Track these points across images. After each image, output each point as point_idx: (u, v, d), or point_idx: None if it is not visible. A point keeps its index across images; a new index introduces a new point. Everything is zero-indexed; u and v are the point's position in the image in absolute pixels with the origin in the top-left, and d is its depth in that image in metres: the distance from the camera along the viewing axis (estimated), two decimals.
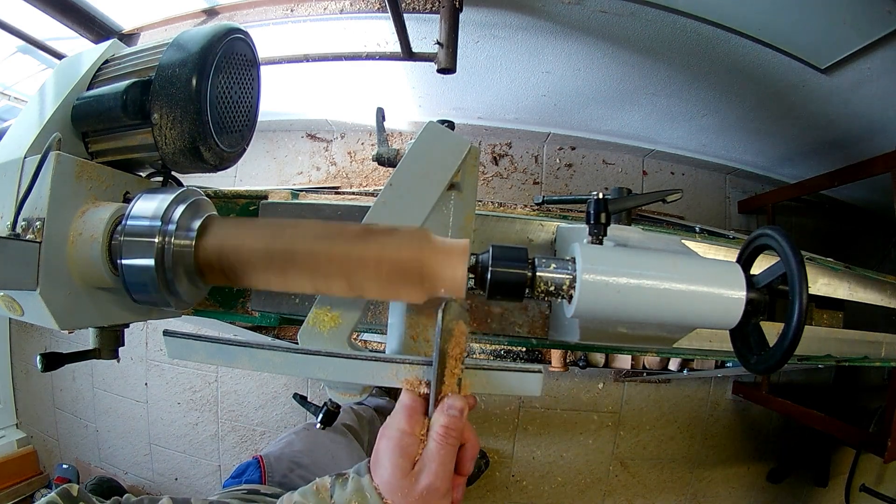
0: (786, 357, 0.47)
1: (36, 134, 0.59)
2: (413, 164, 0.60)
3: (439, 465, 0.43)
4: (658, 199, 0.71)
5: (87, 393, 2.20)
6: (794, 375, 2.08)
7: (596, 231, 0.60)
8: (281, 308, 0.85)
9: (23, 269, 0.52)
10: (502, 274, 0.50)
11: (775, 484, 2.05)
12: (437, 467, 0.43)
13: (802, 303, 0.45)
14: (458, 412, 0.45)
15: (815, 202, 2.13)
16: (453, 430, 0.44)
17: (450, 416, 0.45)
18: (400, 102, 1.84)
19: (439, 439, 0.44)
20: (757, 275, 0.52)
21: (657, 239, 0.67)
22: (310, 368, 0.52)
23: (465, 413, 0.45)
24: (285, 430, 2.02)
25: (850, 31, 1.14)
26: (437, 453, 0.44)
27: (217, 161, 0.67)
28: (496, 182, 2.04)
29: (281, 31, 1.46)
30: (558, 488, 1.97)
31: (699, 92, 1.55)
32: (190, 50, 0.60)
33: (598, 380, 1.95)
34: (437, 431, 0.44)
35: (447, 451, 0.44)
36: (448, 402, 0.45)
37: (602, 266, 0.49)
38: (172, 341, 0.54)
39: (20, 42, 1.40)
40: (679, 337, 0.60)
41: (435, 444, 0.44)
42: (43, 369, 0.64)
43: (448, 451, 0.44)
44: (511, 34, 1.38)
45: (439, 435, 0.44)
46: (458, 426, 0.44)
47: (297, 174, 2.10)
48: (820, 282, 1.09)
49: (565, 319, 0.54)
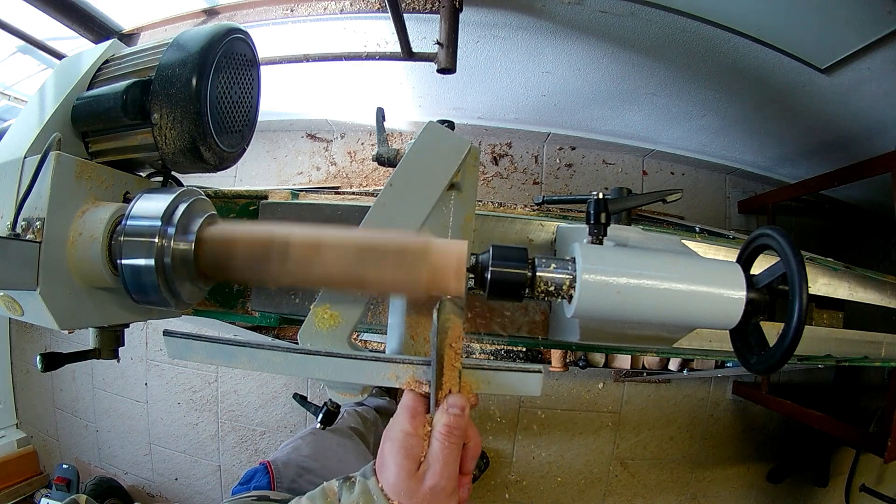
0: (786, 357, 0.47)
1: (36, 134, 0.59)
2: (413, 165, 0.60)
3: (444, 465, 0.43)
4: (658, 199, 0.71)
5: (87, 393, 2.20)
6: (794, 375, 2.08)
7: (596, 231, 0.60)
8: (281, 308, 0.85)
9: (23, 269, 0.52)
10: (502, 274, 0.50)
11: (775, 484, 2.04)
12: (442, 467, 0.43)
13: (802, 303, 0.45)
14: (460, 410, 0.45)
15: (815, 202, 2.13)
16: (456, 428, 0.44)
17: (452, 415, 0.45)
18: (400, 102, 1.84)
19: (442, 439, 0.44)
20: (757, 275, 0.52)
21: (657, 239, 0.67)
22: (310, 368, 0.52)
23: (466, 411, 0.45)
24: (285, 429, 2.03)
25: (850, 31, 1.14)
26: (440, 453, 0.44)
27: (217, 161, 0.67)
28: (496, 182, 2.04)
29: (281, 31, 1.46)
30: (558, 488, 1.97)
31: (699, 92, 1.55)
32: (190, 50, 0.60)
33: (598, 380, 1.95)
34: (440, 431, 0.44)
35: (451, 450, 0.44)
36: (450, 401, 0.45)
37: (602, 266, 0.49)
38: (172, 341, 0.54)
39: (20, 42, 1.40)
40: (679, 337, 0.60)
41: (438, 443, 0.44)
42: (43, 369, 0.64)
43: (452, 450, 0.44)
44: (511, 34, 1.37)
45: (442, 434, 0.44)
46: (460, 424, 0.44)
47: (297, 174, 2.10)
48: (820, 282, 1.09)
49: (565, 319, 0.54)
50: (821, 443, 1.97)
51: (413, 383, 0.49)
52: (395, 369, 0.50)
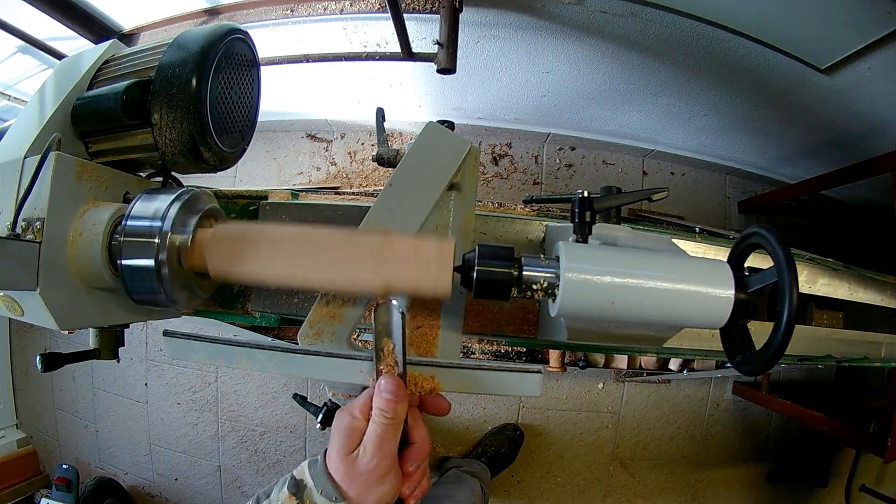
0: (769, 364, 0.47)
1: (36, 134, 0.59)
2: (413, 165, 0.60)
3: (375, 446, 0.46)
4: (644, 197, 0.70)
5: (87, 393, 2.20)
6: (795, 375, 2.08)
7: (581, 229, 0.59)
8: (281, 308, 0.85)
9: (23, 270, 0.52)
10: (488, 273, 0.50)
11: (775, 484, 2.04)
12: (373, 448, 0.46)
13: (791, 310, 0.44)
14: (390, 393, 0.46)
15: (816, 202, 2.13)
16: (386, 411, 0.46)
17: (382, 398, 0.47)
18: (400, 102, 1.84)
19: (374, 419, 0.46)
20: (748, 277, 0.51)
21: (646, 238, 0.66)
22: (310, 368, 0.52)
23: (398, 394, 0.47)
24: (285, 430, 2.03)
25: (850, 32, 1.14)
26: (372, 433, 0.46)
27: (217, 161, 0.67)
28: (496, 182, 2.04)
29: (281, 31, 1.46)
30: (558, 488, 1.97)
31: (699, 92, 1.55)
32: (190, 50, 0.60)
33: (598, 380, 1.95)
34: (374, 413, 0.47)
35: (383, 432, 0.46)
36: (381, 385, 0.47)
37: (585, 265, 0.49)
38: (172, 342, 0.54)
39: (20, 42, 1.40)
40: (668, 336, 0.59)
41: (371, 424, 0.47)
42: (43, 369, 0.64)
43: (383, 432, 0.46)
44: (511, 34, 1.37)
45: (375, 416, 0.47)
46: (390, 407, 0.46)
47: (297, 174, 2.10)
48: (820, 282, 1.08)
49: (552, 318, 0.54)
50: (821, 443, 1.97)
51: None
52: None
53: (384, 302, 0.47)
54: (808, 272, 1.07)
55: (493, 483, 1.92)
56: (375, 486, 0.46)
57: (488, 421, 1.95)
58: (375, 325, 0.47)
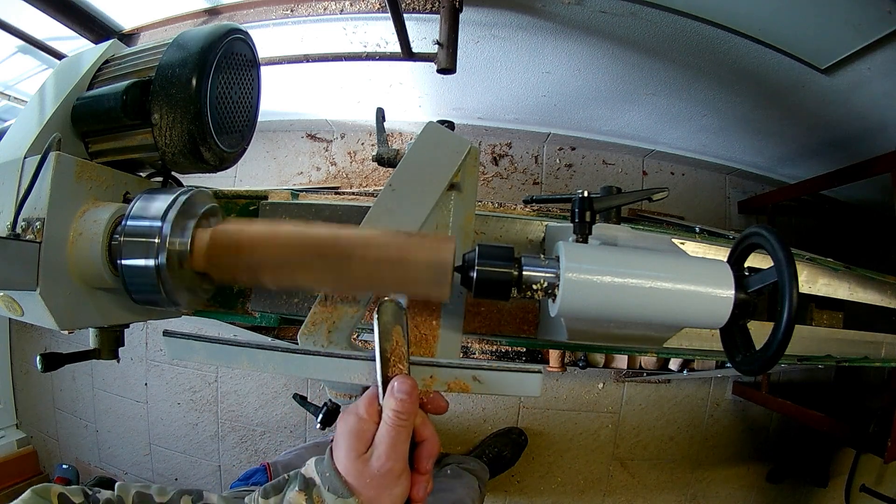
0: (769, 364, 0.46)
1: (36, 134, 0.59)
2: (413, 165, 0.60)
3: (389, 447, 0.45)
4: (644, 197, 0.71)
5: (87, 393, 2.20)
6: (794, 375, 2.08)
7: (581, 229, 0.59)
8: (281, 308, 0.85)
9: (23, 270, 0.52)
10: (488, 273, 0.50)
11: (775, 484, 2.04)
12: (386, 449, 0.45)
13: (791, 311, 0.44)
14: (405, 394, 0.46)
15: (816, 202, 2.13)
16: (401, 412, 0.45)
17: (396, 399, 0.46)
18: (400, 102, 1.84)
19: (388, 421, 0.46)
20: (748, 277, 0.51)
21: (646, 238, 0.66)
22: (310, 368, 0.52)
23: (412, 395, 0.46)
24: (285, 430, 2.03)
25: (850, 32, 1.14)
26: (386, 435, 0.45)
27: (217, 161, 0.67)
28: (496, 182, 2.04)
29: (281, 31, 1.46)
30: (558, 488, 1.97)
31: (699, 92, 1.55)
32: (190, 50, 0.60)
33: (598, 380, 1.95)
34: (386, 414, 0.46)
35: (396, 433, 0.45)
36: (395, 386, 0.46)
37: (585, 265, 0.49)
38: (172, 342, 0.54)
39: (20, 42, 1.40)
40: (668, 336, 0.59)
41: (384, 426, 0.46)
42: (43, 369, 0.64)
43: (397, 433, 0.45)
44: (511, 34, 1.37)
45: (388, 417, 0.46)
46: (405, 408, 0.46)
47: (297, 174, 2.10)
48: (820, 282, 1.08)
49: (553, 318, 0.54)
50: (821, 443, 1.97)
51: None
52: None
53: (386, 301, 0.47)
54: (808, 272, 1.07)
55: (492, 483, 1.92)
56: (389, 489, 0.45)
57: (488, 421, 1.95)
58: (378, 325, 0.47)
